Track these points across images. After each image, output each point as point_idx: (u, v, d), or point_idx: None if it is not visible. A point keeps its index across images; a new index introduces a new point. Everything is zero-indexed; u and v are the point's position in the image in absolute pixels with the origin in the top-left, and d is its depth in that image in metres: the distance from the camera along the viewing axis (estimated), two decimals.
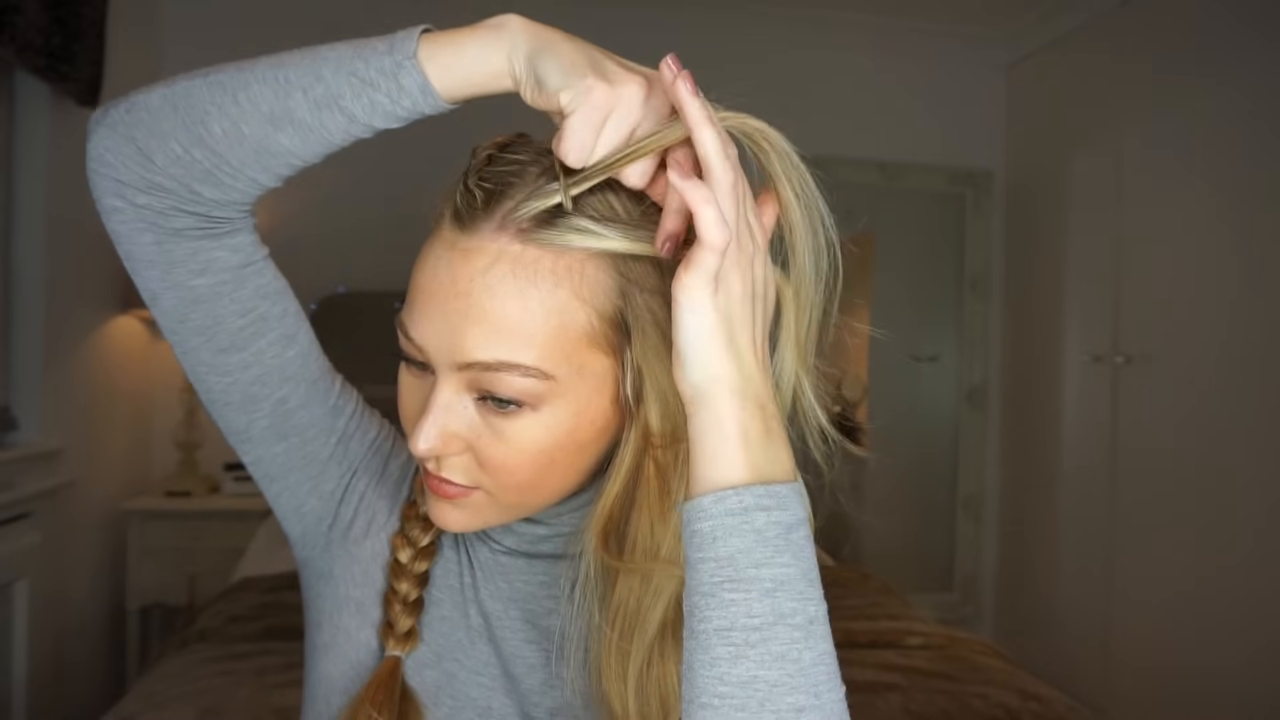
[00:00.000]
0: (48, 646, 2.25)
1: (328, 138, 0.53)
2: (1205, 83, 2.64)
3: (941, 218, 3.68)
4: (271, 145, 0.52)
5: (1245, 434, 2.46)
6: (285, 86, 0.51)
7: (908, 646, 1.88)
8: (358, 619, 0.66)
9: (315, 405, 0.64)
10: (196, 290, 0.57)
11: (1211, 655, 2.52)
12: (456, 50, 0.50)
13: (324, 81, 0.51)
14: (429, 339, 0.54)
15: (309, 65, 0.52)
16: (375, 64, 0.51)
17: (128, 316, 2.80)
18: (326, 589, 0.67)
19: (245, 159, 0.53)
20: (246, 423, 0.62)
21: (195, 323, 0.58)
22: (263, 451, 0.64)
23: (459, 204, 0.54)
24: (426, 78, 0.50)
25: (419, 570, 0.65)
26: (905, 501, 3.77)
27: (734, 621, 0.46)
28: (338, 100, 0.51)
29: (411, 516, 0.67)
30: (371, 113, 0.52)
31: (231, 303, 0.58)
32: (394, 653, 0.63)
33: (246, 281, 0.58)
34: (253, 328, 0.59)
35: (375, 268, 2.95)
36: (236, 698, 1.48)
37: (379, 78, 0.51)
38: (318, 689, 0.66)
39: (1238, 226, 2.53)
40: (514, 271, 0.52)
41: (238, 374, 0.60)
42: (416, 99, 0.51)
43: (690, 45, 3.35)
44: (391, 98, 0.51)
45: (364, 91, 0.51)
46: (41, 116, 2.22)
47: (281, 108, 0.51)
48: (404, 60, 0.50)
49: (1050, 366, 3.33)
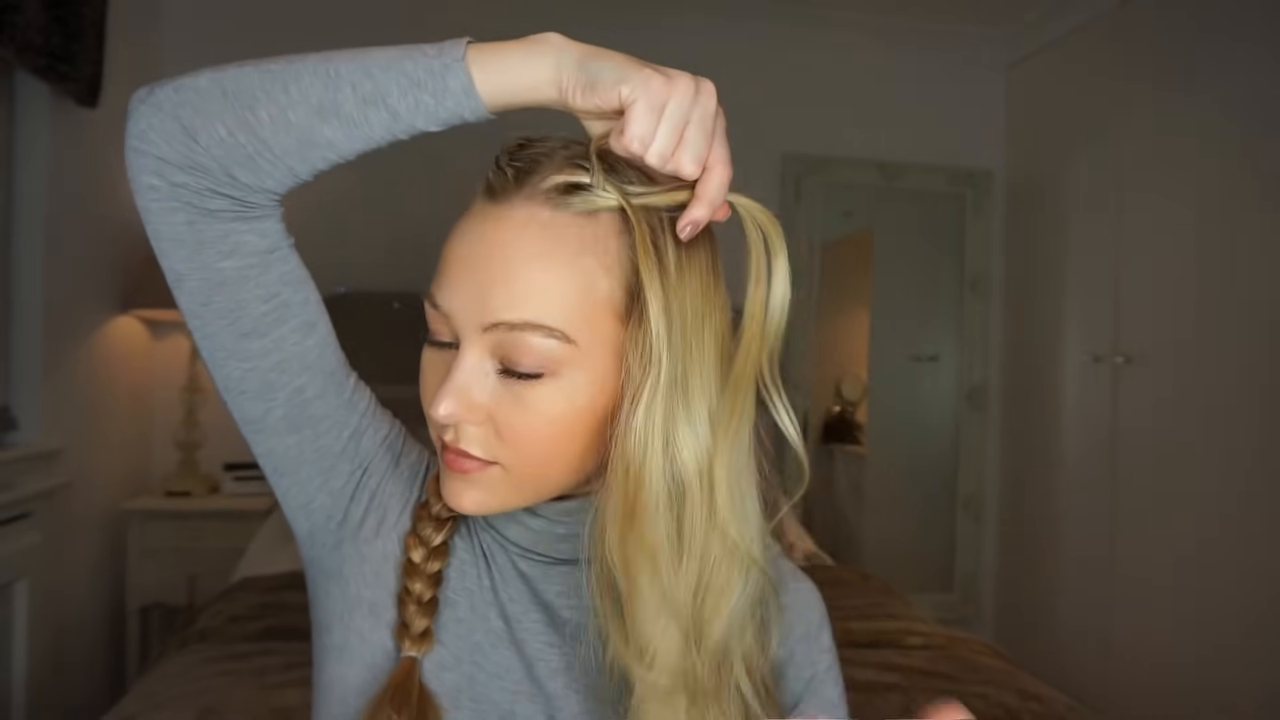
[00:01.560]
0: (48, 646, 2.25)
1: (369, 134, 0.55)
2: (1204, 82, 2.64)
3: (941, 218, 3.69)
4: (315, 136, 0.55)
5: (1245, 434, 2.46)
6: (335, 80, 0.54)
7: (908, 646, 1.88)
8: (371, 620, 0.65)
9: (330, 397, 0.64)
10: (223, 272, 0.58)
11: (1211, 655, 2.52)
12: (502, 58, 0.54)
13: (373, 78, 0.54)
14: (455, 303, 0.56)
15: (360, 63, 0.54)
16: (424, 65, 0.54)
17: (128, 316, 2.79)
18: (336, 589, 0.67)
19: (288, 147, 0.55)
20: (263, 411, 0.62)
21: (219, 306, 0.58)
22: (275, 443, 0.63)
23: (491, 180, 0.57)
24: (471, 80, 0.53)
25: (432, 570, 0.65)
26: (905, 501, 3.78)
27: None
28: (385, 97, 0.54)
29: (424, 516, 0.67)
30: (415, 112, 0.54)
31: (256, 287, 0.59)
32: (410, 654, 0.63)
33: (272, 267, 0.59)
34: (275, 314, 0.60)
35: (375, 268, 2.96)
36: (236, 698, 1.48)
37: (426, 78, 0.53)
38: (331, 691, 0.65)
39: (1238, 226, 2.53)
40: (543, 236, 0.55)
41: (258, 360, 0.60)
42: (460, 100, 0.54)
43: (690, 46, 3.35)
44: (436, 98, 0.54)
45: (411, 90, 0.54)
46: (41, 116, 2.22)
47: (330, 100, 0.54)
48: (451, 63, 0.53)
49: (1050, 366, 3.33)
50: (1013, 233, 3.62)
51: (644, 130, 0.53)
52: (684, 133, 0.54)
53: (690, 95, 0.54)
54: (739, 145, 0.58)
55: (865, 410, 3.90)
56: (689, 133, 0.54)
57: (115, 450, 2.77)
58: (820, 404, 3.98)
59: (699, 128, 0.54)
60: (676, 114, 0.53)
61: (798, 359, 3.49)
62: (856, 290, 3.92)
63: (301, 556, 0.70)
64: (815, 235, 3.55)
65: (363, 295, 2.93)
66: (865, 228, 3.86)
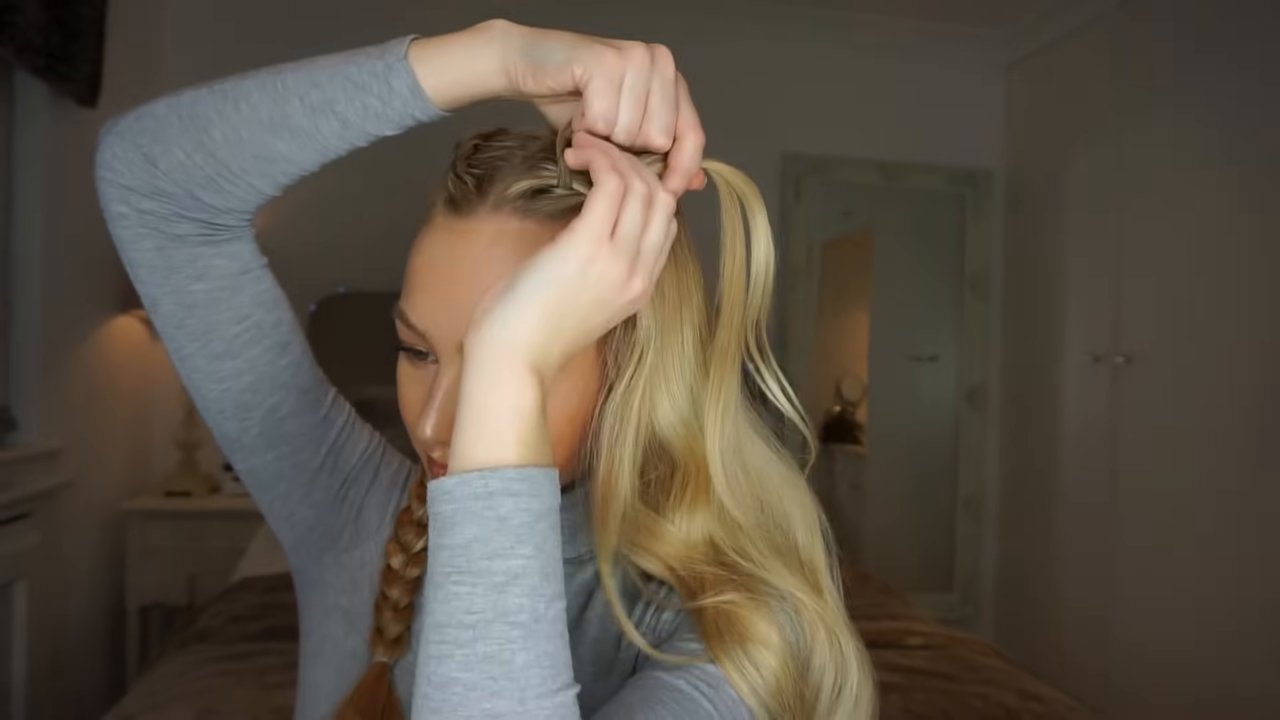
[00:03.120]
0: (48, 646, 2.25)
1: (324, 144, 0.54)
2: (1205, 82, 2.64)
3: (941, 218, 3.68)
4: (269, 151, 0.53)
5: (1244, 434, 2.46)
6: (283, 93, 0.52)
7: (908, 646, 1.88)
8: (344, 627, 0.66)
9: (306, 414, 0.64)
10: (194, 295, 0.58)
11: (1212, 655, 2.52)
12: (446, 52, 0.51)
13: (320, 87, 0.52)
14: (431, 322, 0.55)
15: (305, 73, 0.53)
16: (367, 68, 0.52)
17: (128, 316, 2.80)
18: (316, 596, 0.68)
19: (245, 165, 0.54)
20: (239, 430, 0.63)
21: (192, 328, 0.59)
22: (255, 461, 0.64)
23: (452, 191, 0.55)
24: (416, 79, 0.51)
25: (411, 575, 0.65)
26: (905, 501, 3.77)
27: (451, 618, 0.43)
28: (332, 105, 0.52)
29: (406, 522, 0.67)
30: (364, 116, 0.52)
31: (228, 309, 0.59)
32: (381, 659, 0.63)
33: (243, 289, 0.59)
34: (248, 334, 0.60)
35: (375, 268, 2.95)
36: (236, 698, 1.48)
37: (370, 80, 0.52)
38: (306, 695, 0.67)
39: (1237, 226, 2.53)
40: (514, 249, 0.53)
41: (231, 381, 0.61)
42: (407, 100, 0.52)
43: (690, 46, 3.35)
44: (382, 99, 0.52)
45: (357, 95, 0.52)
46: (41, 116, 2.22)
47: (279, 114, 0.52)
48: (394, 62, 0.51)
49: (1050, 366, 3.33)
50: (1012, 233, 3.62)
51: (605, 108, 0.50)
52: (647, 104, 0.51)
53: (646, 64, 0.51)
54: (739, 145, 0.57)
55: (865, 410, 3.90)
56: (652, 103, 0.51)
57: (115, 450, 2.77)
58: (820, 404, 3.98)
59: (662, 96, 0.51)
60: (636, 85, 0.50)
61: (798, 359, 3.48)
62: (856, 290, 3.91)
63: (290, 565, 0.71)
64: (815, 235, 3.55)
65: (362, 295, 2.94)
66: (865, 228, 3.86)
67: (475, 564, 0.43)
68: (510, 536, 0.44)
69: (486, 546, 0.44)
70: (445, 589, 0.44)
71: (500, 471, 0.44)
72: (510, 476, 0.44)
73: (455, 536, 0.44)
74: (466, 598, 0.43)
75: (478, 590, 0.43)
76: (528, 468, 0.45)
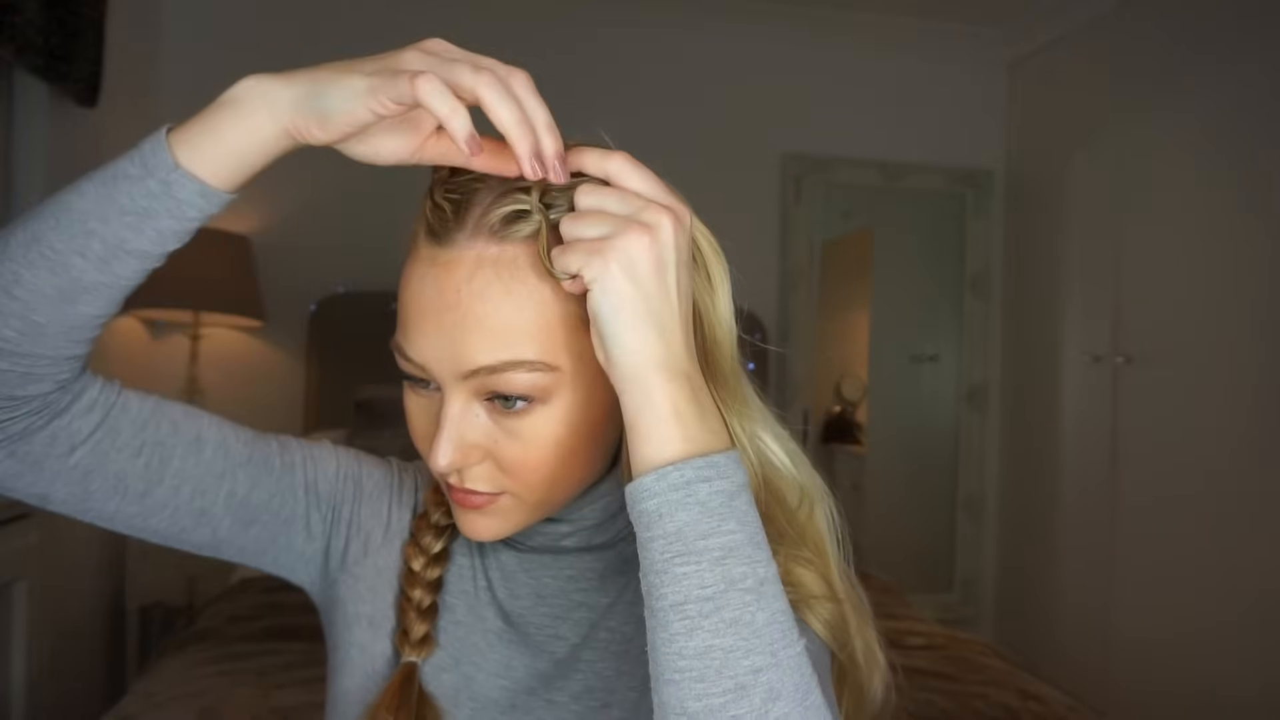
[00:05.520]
0: (48, 646, 2.25)
1: (126, 284, 0.51)
2: (1205, 82, 2.64)
3: (941, 218, 3.69)
4: (73, 319, 0.50)
5: (1245, 434, 2.46)
6: (59, 258, 0.49)
7: (908, 646, 1.88)
8: (371, 632, 0.67)
9: (263, 480, 0.63)
10: (80, 466, 0.55)
11: (1212, 655, 2.52)
12: (212, 135, 0.49)
13: (96, 235, 0.49)
14: (429, 356, 0.54)
15: (68, 224, 0.49)
16: (140, 190, 0.49)
17: (128, 317, 2.79)
18: (338, 614, 0.69)
19: (56, 343, 0.51)
20: (211, 533, 0.62)
21: (99, 492, 0.57)
22: (240, 544, 0.64)
23: (430, 219, 0.54)
24: (201, 180, 0.49)
25: (431, 577, 0.66)
26: (905, 501, 3.78)
27: (688, 594, 0.46)
28: (122, 246, 0.49)
29: (423, 526, 0.68)
30: (162, 240, 0.50)
31: (118, 452, 0.57)
32: (410, 659, 0.64)
33: (119, 427, 0.57)
34: (156, 457, 0.58)
35: (375, 268, 2.95)
36: (236, 698, 1.48)
37: (151, 203, 0.49)
38: (335, 707, 0.67)
39: (1237, 226, 2.53)
40: (497, 273, 0.52)
41: (172, 502, 0.59)
42: (199, 204, 0.50)
43: (690, 46, 3.35)
44: (175, 215, 0.49)
45: (144, 224, 0.49)
46: (41, 116, 2.22)
47: (66, 280, 0.49)
48: (169, 174, 0.49)
49: (1050, 366, 3.33)
50: (1012, 233, 3.62)
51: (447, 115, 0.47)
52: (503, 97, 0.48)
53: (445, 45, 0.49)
54: (739, 145, 0.57)
55: (865, 410, 3.90)
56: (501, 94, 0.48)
57: None
58: (820, 404, 3.98)
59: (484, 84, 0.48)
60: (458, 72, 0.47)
61: (798, 359, 3.49)
62: (856, 290, 3.92)
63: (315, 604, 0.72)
64: (815, 235, 3.55)
65: (363, 295, 2.94)
66: (865, 228, 3.86)
67: (693, 545, 0.46)
68: (714, 517, 0.47)
69: (697, 528, 0.46)
70: (671, 572, 0.46)
71: (689, 462, 0.47)
72: (699, 465, 0.47)
73: (666, 525, 0.47)
74: (695, 575, 0.46)
75: (703, 566, 0.46)
76: (710, 455, 0.48)
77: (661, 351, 0.49)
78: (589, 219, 0.50)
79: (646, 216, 0.49)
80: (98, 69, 2.31)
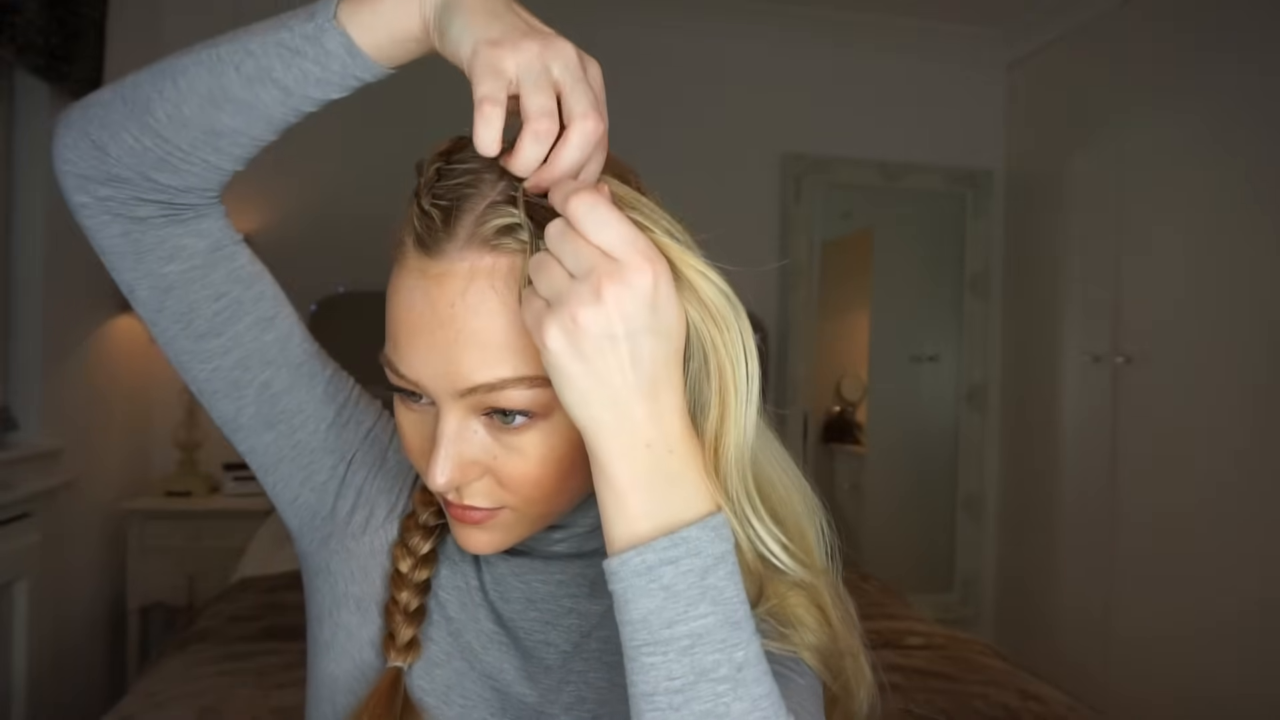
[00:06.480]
0: (48, 646, 2.25)
1: (268, 113, 0.53)
2: (1205, 82, 2.64)
3: (941, 218, 3.69)
4: (215, 125, 0.53)
5: (1244, 434, 2.46)
6: (218, 65, 0.52)
7: (908, 646, 1.88)
8: (358, 616, 0.65)
9: (301, 390, 0.64)
10: (168, 277, 0.58)
11: (1211, 655, 2.52)
12: (373, 9, 0.50)
13: (253, 56, 0.51)
14: (422, 373, 0.52)
15: (239, 42, 0.52)
16: (299, 31, 0.51)
17: (128, 316, 2.79)
18: (325, 584, 0.67)
19: (194, 141, 0.53)
20: (235, 410, 0.63)
21: (171, 310, 0.59)
22: (254, 441, 0.64)
23: (418, 228, 0.52)
24: (350, 38, 0.50)
25: (419, 579, 0.65)
26: (905, 501, 3.78)
27: (655, 686, 0.43)
28: (269, 73, 0.51)
29: (411, 527, 0.66)
30: (304, 81, 0.52)
31: (204, 288, 0.59)
32: (395, 664, 0.63)
33: (217, 266, 0.59)
34: (228, 311, 0.60)
35: (375, 268, 2.94)
36: (236, 698, 1.48)
37: (304, 44, 0.51)
38: (321, 689, 0.66)
39: (1237, 226, 2.53)
40: (492, 286, 0.50)
41: (218, 359, 0.61)
42: (345, 61, 0.51)
43: (689, 47, 3.35)
44: (320, 63, 0.51)
45: (293, 61, 0.51)
46: (41, 116, 2.22)
47: (217, 86, 0.52)
48: (324, 23, 0.50)
49: (1050, 366, 3.33)
50: (1012, 233, 3.62)
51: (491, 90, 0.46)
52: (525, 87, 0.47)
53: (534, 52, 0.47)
54: (739, 145, 0.56)
55: (865, 410, 3.90)
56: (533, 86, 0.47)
57: (115, 450, 2.77)
58: (820, 404, 3.98)
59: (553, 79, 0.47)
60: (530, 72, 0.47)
61: (798, 359, 3.49)
62: (856, 290, 3.92)
63: (297, 552, 0.71)
64: (815, 235, 3.55)
65: (363, 295, 2.94)
66: (865, 228, 3.86)
67: (658, 634, 0.44)
68: (681, 602, 0.44)
69: (661, 616, 0.44)
70: (639, 661, 0.44)
71: (653, 545, 0.44)
72: (663, 545, 0.44)
73: (631, 613, 0.44)
74: (663, 665, 0.43)
75: (670, 657, 0.43)
76: (682, 530, 0.44)
77: (613, 424, 0.45)
78: (546, 270, 0.46)
79: (599, 282, 0.43)
80: (98, 69, 2.31)
